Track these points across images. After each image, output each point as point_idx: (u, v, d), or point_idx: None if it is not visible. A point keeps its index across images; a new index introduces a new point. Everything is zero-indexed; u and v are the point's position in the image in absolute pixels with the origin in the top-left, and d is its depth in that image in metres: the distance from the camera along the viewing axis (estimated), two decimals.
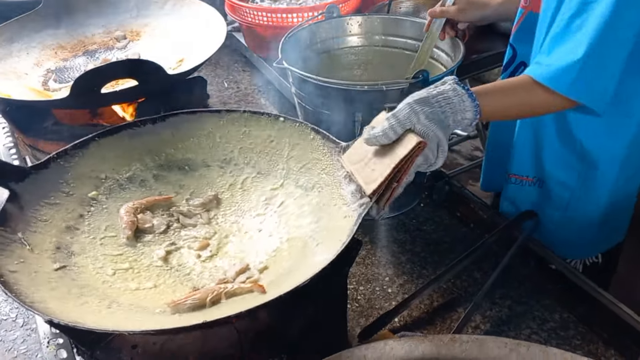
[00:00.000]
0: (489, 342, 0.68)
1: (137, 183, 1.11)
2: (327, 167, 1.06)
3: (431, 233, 1.43)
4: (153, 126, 1.15)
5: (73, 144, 1.06)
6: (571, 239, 1.34)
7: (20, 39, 1.67)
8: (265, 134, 1.16)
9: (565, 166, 1.26)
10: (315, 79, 1.25)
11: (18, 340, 2.08)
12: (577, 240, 1.34)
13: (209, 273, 0.97)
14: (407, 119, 0.89)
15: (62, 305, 0.81)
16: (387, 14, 1.90)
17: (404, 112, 0.89)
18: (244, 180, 1.14)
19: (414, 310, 1.21)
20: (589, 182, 1.25)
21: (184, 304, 0.86)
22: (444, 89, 0.93)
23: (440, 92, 0.92)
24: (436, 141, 0.89)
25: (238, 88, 2.25)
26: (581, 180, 1.25)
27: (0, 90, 1.44)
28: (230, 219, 1.08)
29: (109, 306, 0.85)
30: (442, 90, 0.92)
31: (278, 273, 0.93)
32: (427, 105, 0.90)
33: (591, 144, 1.21)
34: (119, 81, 1.44)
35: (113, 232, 1.01)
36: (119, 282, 0.92)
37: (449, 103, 0.91)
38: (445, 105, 0.91)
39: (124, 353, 0.87)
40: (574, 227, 1.32)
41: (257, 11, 2.07)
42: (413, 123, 0.88)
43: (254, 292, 0.88)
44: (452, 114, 0.91)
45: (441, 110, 0.90)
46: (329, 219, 0.98)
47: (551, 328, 1.15)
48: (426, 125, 0.88)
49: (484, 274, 1.28)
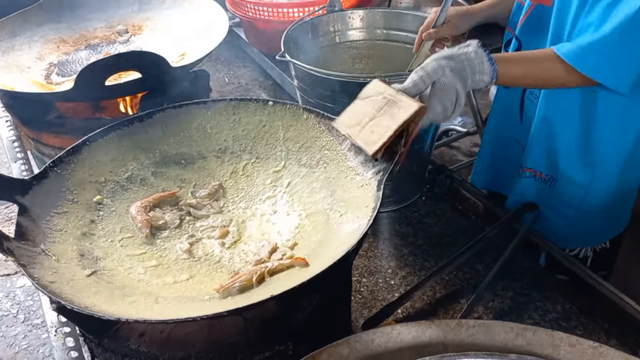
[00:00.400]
0: (495, 326, 0.69)
1: (137, 182, 1.11)
2: (327, 144, 1.08)
3: (433, 226, 1.44)
4: (141, 124, 1.15)
5: (65, 150, 1.06)
6: (583, 231, 1.37)
7: (23, 33, 1.67)
8: (256, 119, 1.16)
9: (581, 165, 1.28)
10: (318, 71, 1.26)
11: (19, 336, 2.07)
12: (589, 231, 1.37)
13: (239, 257, 0.98)
14: (434, 71, 0.96)
15: (113, 306, 0.82)
16: (388, 7, 1.90)
17: (432, 65, 0.97)
18: (244, 167, 1.14)
19: (416, 301, 1.22)
20: (601, 178, 1.27)
21: (233, 287, 0.86)
22: (467, 50, 1.00)
23: (464, 52, 1.00)
24: (455, 94, 0.97)
25: (239, 83, 2.25)
26: (595, 178, 1.27)
27: (3, 83, 1.44)
28: (241, 205, 1.09)
29: (157, 301, 0.86)
30: (465, 52, 1.00)
31: (310, 247, 0.94)
32: (452, 61, 0.98)
33: (606, 137, 1.23)
34: (122, 74, 1.44)
35: (129, 233, 1.02)
36: (154, 278, 0.93)
37: (470, 64, 0.99)
38: (467, 64, 0.99)
39: (131, 341, 0.88)
40: (586, 220, 1.34)
41: (259, 6, 2.07)
42: (439, 75, 0.96)
43: (296, 267, 0.89)
44: (471, 74, 0.99)
45: (463, 67, 0.99)
46: (344, 190, 1.00)
47: (553, 319, 1.16)
48: (450, 78, 0.97)
49: (485, 266, 1.29)
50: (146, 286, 0.91)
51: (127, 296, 0.86)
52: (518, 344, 0.69)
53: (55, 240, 0.94)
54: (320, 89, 1.30)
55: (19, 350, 2.28)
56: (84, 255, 0.94)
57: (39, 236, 0.93)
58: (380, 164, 0.95)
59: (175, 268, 0.96)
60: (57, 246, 0.93)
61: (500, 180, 1.55)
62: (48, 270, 0.87)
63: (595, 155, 1.25)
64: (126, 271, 0.94)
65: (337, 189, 1.02)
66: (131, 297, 0.86)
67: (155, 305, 0.84)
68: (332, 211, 0.99)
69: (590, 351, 0.68)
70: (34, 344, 2.28)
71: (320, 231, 0.97)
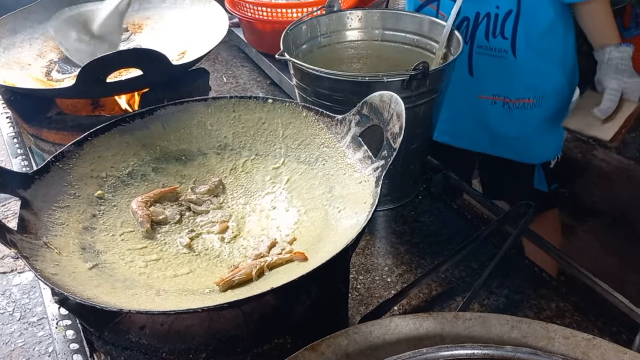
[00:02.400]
0: (491, 319, 0.70)
1: (138, 178, 1.12)
2: (326, 141, 1.09)
3: (429, 225, 1.45)
4: (142, 120, 1.16)
5: (67, 145, 1.07)
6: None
7: (24, 30, 1.68)
8: (255, 116, 1.17)
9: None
10: (318, 70, 1.27)
11: (15, 334, 2.08)
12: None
13: (239, 252, 0.99)
14: (619, 88, 1.42)
15: (115, 299, 0.83)
16: (386, 8, 1.92)
17: (614, 85, 1.42)
18: (244, 163, 1.16)
19: (413, 299, 1.23)
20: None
21: (232, 280, 0.88)
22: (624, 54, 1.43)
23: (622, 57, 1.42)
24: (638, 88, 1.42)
25: (237, 83, 2.27)
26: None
27: (5, 79, 1.45)
28: (241, 201, 1.10)
29: (158, 294, 0.86)
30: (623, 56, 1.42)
31: (308, 243, 0.95)
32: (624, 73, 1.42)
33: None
34: (122, 72, 1.45)
35: (130, 228, 1.03)
36: (155, 272, 0.94)
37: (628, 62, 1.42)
38: (628, 62, 1.42)
39: (132, 334, 0.89)
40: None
41: (258, 6, 2.09)
42: (623, 88, 1.41)
43: (295, 261, 0.91)
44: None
45: (628, 67, 1.42)
46: (342, 187, 1.01)
47: (547, 316, 1.17)
48: (630, 84, 1.42)
49: (481, 264, 1.30)
50: (147, 279, 0.92)
51: (129, 289, 0.87)
52: (513, 336, 0.71)
53: (57, 234, 0.95)
54: (319, 87, 1.31)
55: (15, 348, 2.28)
56: (86, 249, 0.95)
57: (41, 229, 0.94)
58: (377, 160, 0.97)
59: (175, 262, 0.97)
60: (59, 239, 0.94)
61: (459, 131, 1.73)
62: (50, 262, 0.87)
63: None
64: (127, 265, 0.95)
65: (335, 186, 1.03)
66: (132, 290, 0.87)
67: (157, 297, 0.85)
68: (331, 207, 1.00)
69: (584, 343, 0.69)
70: (29, 341, 2.28)
71: (319, 227, 0.99)
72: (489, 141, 1.73)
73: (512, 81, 1.57)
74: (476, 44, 1.56)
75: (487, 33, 1.51)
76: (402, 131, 0.92)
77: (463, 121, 1.71)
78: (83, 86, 1.26)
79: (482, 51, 1.56)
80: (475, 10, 1.52)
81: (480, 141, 1.75)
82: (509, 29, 1.48)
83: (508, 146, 1.71)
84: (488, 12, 1.49)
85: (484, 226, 1.33)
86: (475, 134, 1.72)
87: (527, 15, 1.48)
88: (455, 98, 1.61)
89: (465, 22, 1.54)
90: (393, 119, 0.94)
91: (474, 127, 1.70)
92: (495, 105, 1.62)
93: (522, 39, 1.50)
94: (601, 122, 1.44)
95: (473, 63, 1.59)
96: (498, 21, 1.49)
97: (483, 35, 1.51)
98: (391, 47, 1.58)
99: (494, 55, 1.52)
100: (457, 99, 1.63)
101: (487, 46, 1.50)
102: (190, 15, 1.73)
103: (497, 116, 1.64)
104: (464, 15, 1.53)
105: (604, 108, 1.42)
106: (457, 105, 1.66)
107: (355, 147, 1.03)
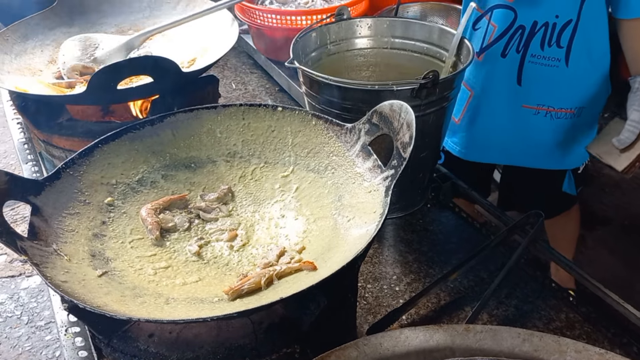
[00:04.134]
0: (502, 332, 0.70)
1: (148, 185, 1.13)
2: (335, 150, 1.09)
3: (438, 233, 1.45)
4: (152, 127, 1.16)
5: (78, 152, 1.08)
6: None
7: (35, 37, 1.69)
8: (265, 124, 1.18)
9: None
10: (327, 78, 1.27)
11: (23, 338, 2.08)
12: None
13: (248, 260, 0.99)
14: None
15: (124, 307, 0.83)
16: (396, 17, 1.92)
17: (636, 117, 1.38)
18: (253, 171, 1.16)
19: (421, 308, 1.23)
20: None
21: (241, 289, 0.88)
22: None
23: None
24: None
25: (246, 89, 2.27)
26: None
27: (17, 86, 1.46)
28: (250, 209, 1.10)
29: (167, 302, 0.87)
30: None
31: (317, 252, 0.95)
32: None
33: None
34: (132, 79, 1.46)
35: (139, 235, 1.03)
36: (164, 280, 0.94)
37: None
38: None
39: (140, 342, 0.89)
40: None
41: (267, 13, 2.10)
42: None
43: (304, 271, 0.91)
44: None
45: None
46: (351, 195, 1.01)
47: (557, 327, 1.16)
48: None
49: (490, 274, 1.30)
50: (156, 287, 0.92)
51: (138, 297, 0.87)
52: (525, 350, 0.70)
53: (67, 241, 0.95)
54: (328, 95, 1.31)
55: (22, 352, 2.29)
56: (95, 256, 0.96)
57: (51, 236, 0.94)
58: (387, 170, 0.96)
59: (184, 270, 0.97)
60: (68, 246, 0.94)
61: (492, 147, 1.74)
62: (60, 270, 0.88)
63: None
64: (136, 272, 0.95)
65: (344, 195, 1.03)
66: (142, 298, 0.87)
67: (166, 306, 0.86)
68: (340, 216, 1.00)
69: (597, 357, 0.69)
70: (37, 345, 2.29)
71: (328, 236, 0.98)
72: (520, 152, 1.72)
73: (560, 90, 1.56)
74: (530, 52, 1.54)
75: (542, 42, 1.50)
76: (412, 140, 0.91)
77: (499, 132, 1.70)
78: (94, 93, 1.27)
79: (535, 60, 1.55)
80: (533, 19, 1.50)
81: (511, 153, 1.74)
82: (565, 38, 1.47)
83: (541, 155, 1.70)
84: (546, 22, 1.48)
85: (492, 235, 1.32)
86: (509, 145, 1.71)
87: (586, 25, 1.47)
88: (496, 108, 1.63)
89: (520, 31, 1.52)
90: (403, 128, 0.94)
91: (509, 138, 1.69)
92: (538, 115, 1.61)
93: (577, 48, 1.49)
94: (619, 152, 1.44)
95: (523, 72, 1.57)
96: (555, 30, 1.48)
97: (538, 44, 1.50)
98: (401, 55, 1.58)
99: (546, 64, 1.51)
100: (498, 109, 1.63)
101: (541, 55, 1.49)
102: (200, 22, 1.74)
103: (538, 125, 1.63)
104: (520, 24, 1.51)
105: (622, 138, 1.42)
106: (496, 115, 1.66)
107: (364, 156, 1.03)
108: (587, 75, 1.54)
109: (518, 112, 1.62)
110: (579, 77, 1.53)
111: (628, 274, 1.56)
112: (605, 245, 2.32)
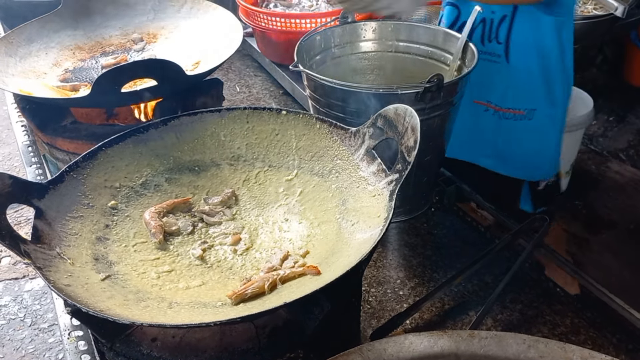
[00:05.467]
0: (507, 338, 0.69)
1: (151, 188, 1.13)
2: (339, 153, 1.09)
3: (442, 237, 1.44)
4: (156, 131, 1.16)
5: (82, 155, 1.07)
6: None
7: (40, 39, 1.69)
8: (269, 128, 1.17)
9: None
10: (331, 82, 1.27)
11: (26, 340, 2.08)
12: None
13: (251, 264, 0.98)
14: None
15: (127, 311, 0.83)
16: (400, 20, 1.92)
17: None
18: (257, 175, 1.16)
19: (425, 312, 1.22)
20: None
21: (245, 294, 0.87)
22: None
23: None
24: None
25: (250, 92, 2.28)
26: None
27: (21, 88, 1.46)
28: (253, 212, 1.10)
29: (170, 306, 0.86)
30: None
31: (321, 256, 0.95)
32: None
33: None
34: (137, 82, 1.45)
35: (143, 238, 1.03)
36: (167, 284, 0.94)
37: None
38: None
39: (143, 346, 0.88)
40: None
41: (272, 16, 2.10)
42: None
43: (307, 275, 0.90)
44: None
45: None
46: (355, 200, 1.01)
47: (562, 332, 1.16)
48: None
49: (494, 278, 1.29)
50: (159, 291, 0.91)
51: (141, 301, 0.87)
52: (530, 356, 0.69)
53: (71, 244, 0.95)
54: (332, 98, 1.31)
55: (26, 354, 2.29)
56: (99, 260, 0.95)
57: (55, 239, 0.94)
58: (392, 174, 0.96)
59: (188, 274, 0.97)
60: (72, 250, 0.94)
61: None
62: (63, 273, 0.88)
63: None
64: (140, 276, 0.95)
65: (348, 199, 1.03)
66: (145, 302, 0.87)
67: (169, 310, 0.85)
68: (344, 220, 1.00)
69: None
70: (40, 348, 2.29)
71: (332, 240, 0.98)
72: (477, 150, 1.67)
73: (503, 88, 1.55)
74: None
75: (482, 37, 1.51)
76: (417, 145, 0.91)
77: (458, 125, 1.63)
78: (98, 96, 1.26)
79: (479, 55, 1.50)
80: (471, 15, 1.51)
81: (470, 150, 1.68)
82: (502, 33, 1.48)
83: (494, 157, 1.65)
84: (484, 17, 1.49)
85: (497, 239, 1.32)
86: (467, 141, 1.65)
87: (522, 21, 1.46)
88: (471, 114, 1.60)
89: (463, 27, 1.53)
90: (408, 132, 0.93)
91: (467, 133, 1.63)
92: (487, 113, 1.60)
93: (515, 45, 1.48)
94: None
95: None
96: (493, 26, 1.49)
97: (479, 39, 1.51)
98: (405, 58, 1.58)
99: (488, 59, 1.51)
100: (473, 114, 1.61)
101: (482, 50, 1.49)
102: (204, 25, 1.74)
103: (489, 124, 1.61)
104: (463, 20, 1.52)
105: None
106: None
107: (369, 159, 1.03)
108: (531, 74, 1.51)
109: (470, 107, 1.59)
110: (520, 74, 1.51)
111: (633, 278, 1.54)
112: (610, 249, 2.31)
